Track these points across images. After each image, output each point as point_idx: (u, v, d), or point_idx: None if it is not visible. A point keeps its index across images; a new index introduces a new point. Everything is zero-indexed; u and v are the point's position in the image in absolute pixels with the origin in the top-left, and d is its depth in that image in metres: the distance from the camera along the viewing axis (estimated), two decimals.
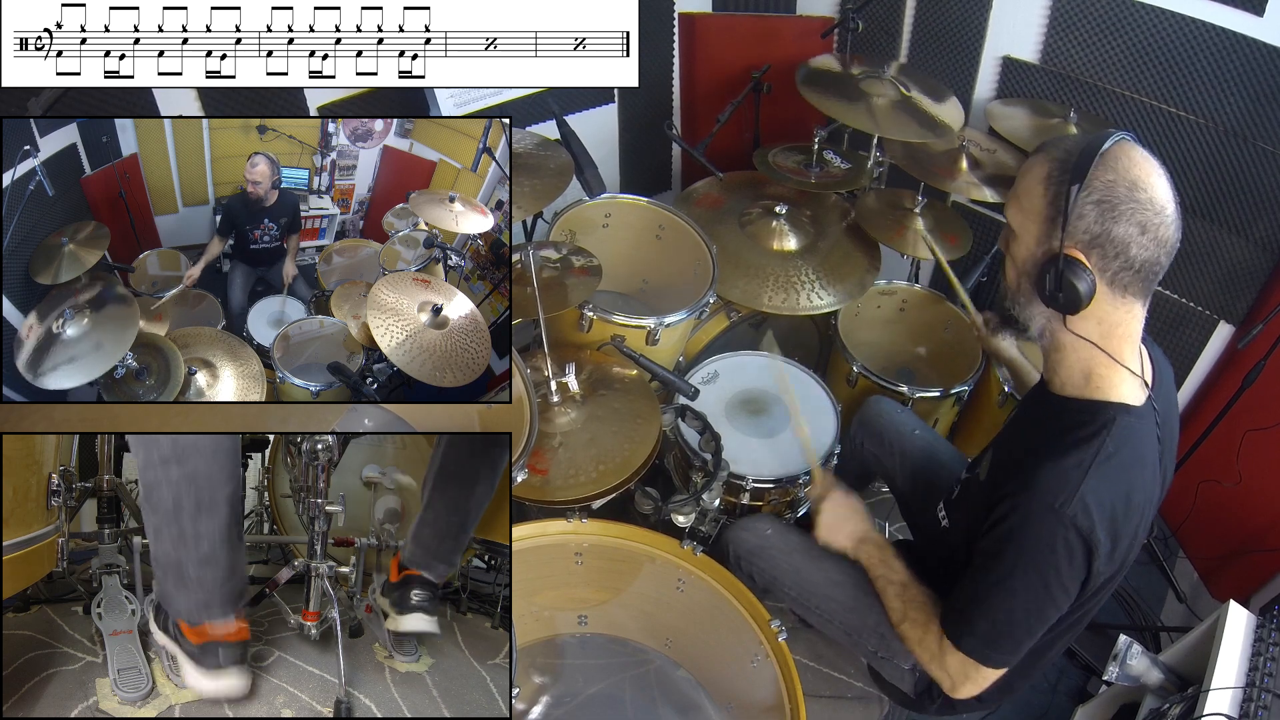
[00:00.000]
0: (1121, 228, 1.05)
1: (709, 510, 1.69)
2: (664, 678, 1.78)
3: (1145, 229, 1.05)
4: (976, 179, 2.20)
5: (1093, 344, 1.15)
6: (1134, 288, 1.10)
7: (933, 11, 2.50)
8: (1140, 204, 1.04)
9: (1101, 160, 1.05)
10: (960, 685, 1.28)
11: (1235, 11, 1.93)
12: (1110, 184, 1.05)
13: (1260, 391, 1.96)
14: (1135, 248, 1.06)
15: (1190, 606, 2.28)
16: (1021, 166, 1.16)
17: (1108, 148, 1.06)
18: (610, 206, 2.25)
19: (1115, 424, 1.13)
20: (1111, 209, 1.05)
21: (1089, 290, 1.09)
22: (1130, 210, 1.04)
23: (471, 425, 1.57)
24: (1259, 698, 1.45)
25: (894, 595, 1.39)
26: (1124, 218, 1.05)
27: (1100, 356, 1.15)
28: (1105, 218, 1.05)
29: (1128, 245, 1.06)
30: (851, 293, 2.16)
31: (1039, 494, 1.11)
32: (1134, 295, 1.12)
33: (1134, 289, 1.10)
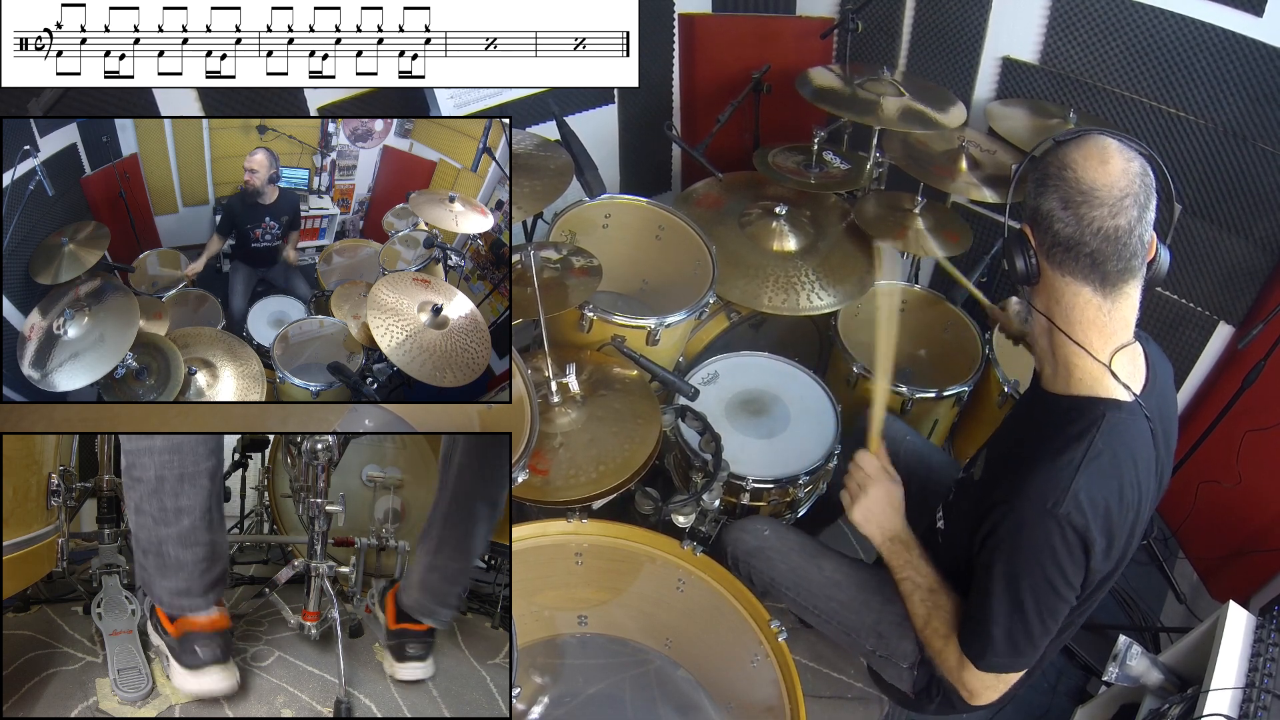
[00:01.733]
0: (1047, 202, 1.12)
1: (709, 510, 1.69)
2: (664, 678, 1.78)
3: (1067, 204, 1.10)
4: (976, 179, 2.20)
5: (1052, 324, 1.17)
6: (1069, 267, 1.13)
7: (932, 12, 2.50)
8: (1065, 181, 1.10)
9: (1061, 145, 1.12)
10: (981, 694, 1.29)
11: (1234, 12, 1.94)
12: (1047, 164, 1.13)
13: (1260, 391, 1.96)
14: (1059, 224, 1.11)
15: (1190, 607, 2.28)
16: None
17: (1077, 136, 1.12)
18: (610, 207, 2.25)
19: (1104, 421, 1.14)
20: (1041, 184, 1.13)
21: (1031, 262, 1.16)
22: (1055, 186, 1.10)
23: (471, 425, 1.57)
24: (1259, 698, 1.45)
25: (919, 600, 1.36)
26: (1049, 193, 1.11)
27: (1072, 346, 1.16)
28: (1036, 192, 1.14)
29: (1052, 219, 1.11)
30: (851, 293, 2.16)
31: (1031, 498, 1.12)
32: (1075, 277, 1.13)
33: (1070, 269, 1.13)
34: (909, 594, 1.38)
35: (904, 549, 1.40)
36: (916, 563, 1.38)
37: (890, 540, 1.42)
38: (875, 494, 1.44)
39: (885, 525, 1.43)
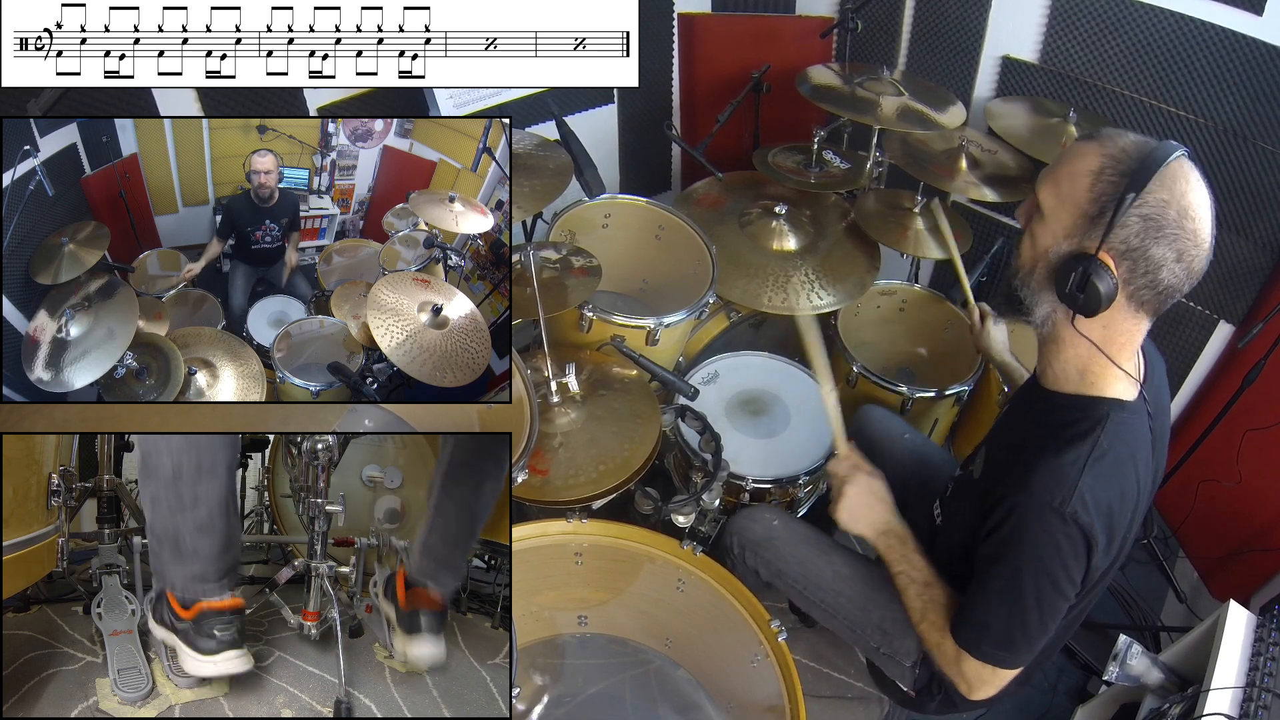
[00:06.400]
0: (1160, 250, 1.05)
1: (709, 510, 1.69)
2: (664, 678, 1.78)
3: (1181, 257, 1.05)
4: (976, 179, 2.20)
5: (1093, 343, 1.15)
6: (1150, 305, 1.11)
7: (932, 11, 2.50)
8: (1185, 233, 1.04)
9: (1160, 175, 1.03)
10: (977, 688, 1.28)
11: (1235, 11, 1.93)
12: (1163, 204, 1.03)
13: (1260, 391, 1.96)
14: (1166, 272, 1.06)
15: (1190, 606, 2.28)
16: (1068, 148, 1.13)
17: (1169, 163, 1.03)
18: (610, 207, 2.25)
19: (1109, 420, 1.14)
20: (1157, 229, 1.04)
21: (1109, 297, 1.08)
22: (1174, 236, 1.04)
23: (471, 425, 1.57)
24: (1259, 697, 1.45)
25: (914, 594, 1.35)
26: (1165, 241, 1.04)
27: (1098, 356, 1.15)
28: (1148, 235, 1.04)
29: (1160, 267, 1.06)
30: (851, 293, 2.16)
31: (1037, 494, 1.12)
32: (1147, 312, 1.12)
33: (1149, 306, 1.11)
34: (904, 588, 1.38)
35: (898, 543, 1.39)
36: (911, 556, 1.38)
37: (883, 534, 1.41)
38: (853, 491, 1.43)
39: (874, 520, 1.42)
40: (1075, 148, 1.11)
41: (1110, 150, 1.07)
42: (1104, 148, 1.07)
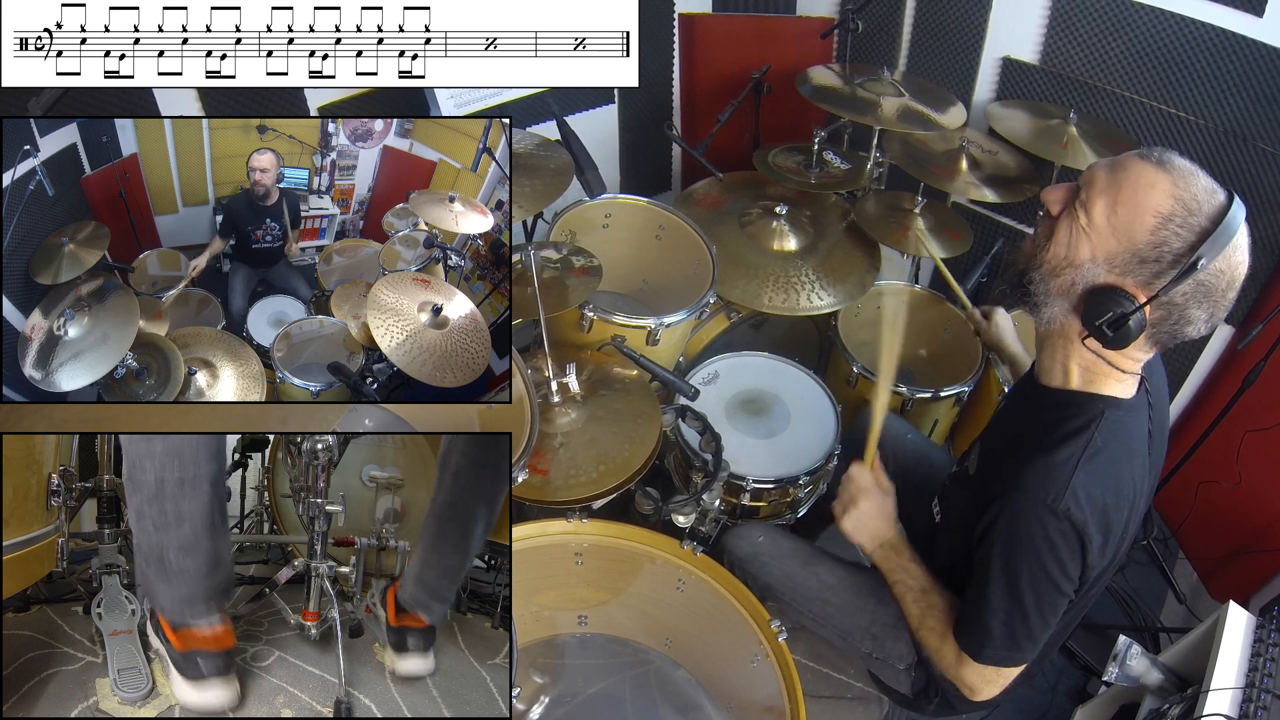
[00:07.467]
0: (1198, 312, 1.08)
1: (709, 511, 1.68)
2: (664, 678, 1.78)
3: (1211, 319, 1.09)
4: (976, 179, 2.20)
5: (1099, 356, 1.16)
6: (1163, 344, 1.13)
7: (932, 12, 2.50)
8: (1225, 301, 1.08)
9: (1234, 254, 1.05)
10: (981, 690, 1.29)
11: (1235, 12, 1.94)
12: (1218, 274, 1.05)
13: (1260, 392, 1.96)
14: (1193, 328, 1.09)
15: (1190, 607, 2.28)
16: (1135, 166, 1.07)
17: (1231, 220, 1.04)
18: (610, 207, 2.25)
19: (1104, 418, 1.14)
20: (1205, 295, 1.06)
21: (1134, 338, 1.09)
22: (1215, 303, 1.07)
23: (472, 425, 1.57)
24: (1259, 698, 1.45)
25: (912, 601, 1.37)
26: (1206, 306, 1.07)
27: (1100, 360, 1.16)
28: (1194, 298, 1.06)
29: (1190, 323, 1.09)
30: (851, 293, 2.16)
31: (1030, 492, 1.12)
32: (1158, 347, 1.14)
33: (1162, 345, 1.14)
34: (902, 596, 1.39)
35: (895, 554, 1.41)
36: (908, 565, 1.39)
37: (881, 547, 1.43)
38: (866, 506, 1.44)
39: (876, 533, 1.44)
40: (1144, 173, 1.06)
41: (1182, 195, 1.04)
42: (1176, 188, 1.04)
